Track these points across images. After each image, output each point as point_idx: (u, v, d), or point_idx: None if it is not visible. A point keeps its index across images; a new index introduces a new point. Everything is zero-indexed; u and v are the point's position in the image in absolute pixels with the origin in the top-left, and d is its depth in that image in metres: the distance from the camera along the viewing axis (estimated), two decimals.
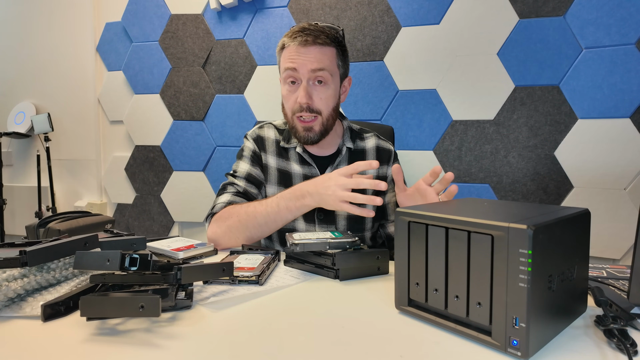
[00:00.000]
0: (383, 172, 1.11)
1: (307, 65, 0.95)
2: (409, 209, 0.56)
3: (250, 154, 1.08)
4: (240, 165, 1.07)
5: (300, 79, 0.97)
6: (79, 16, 2.43)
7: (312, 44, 0.95)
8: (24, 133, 2.49)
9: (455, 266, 0.50)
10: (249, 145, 1.09)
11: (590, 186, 1.74)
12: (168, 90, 2.26)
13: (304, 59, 0.95)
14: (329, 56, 0.98)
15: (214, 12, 2.16)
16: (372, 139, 1.14)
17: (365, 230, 1.09)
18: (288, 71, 0.98)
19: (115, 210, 2.45)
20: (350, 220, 1.05)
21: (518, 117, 1.82)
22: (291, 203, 0.89)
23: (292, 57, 0.96)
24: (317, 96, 0.98)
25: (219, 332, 0.52)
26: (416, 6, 1.90)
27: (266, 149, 1.09)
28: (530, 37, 1.77)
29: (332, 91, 1.00)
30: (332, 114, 1.02)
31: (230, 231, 0.94)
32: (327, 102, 1.00)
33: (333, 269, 0.73)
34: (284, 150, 1.08)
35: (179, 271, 0.58)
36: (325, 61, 0.97)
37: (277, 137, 1.10)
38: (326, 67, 0.97)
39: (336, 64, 1.01)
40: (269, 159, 1.08)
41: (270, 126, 1.12)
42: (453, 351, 0.47)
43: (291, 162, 1.07)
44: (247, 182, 1.04)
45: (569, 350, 0.47)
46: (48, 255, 0.61)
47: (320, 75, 0.97)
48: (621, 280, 0.68)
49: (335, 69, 1.01)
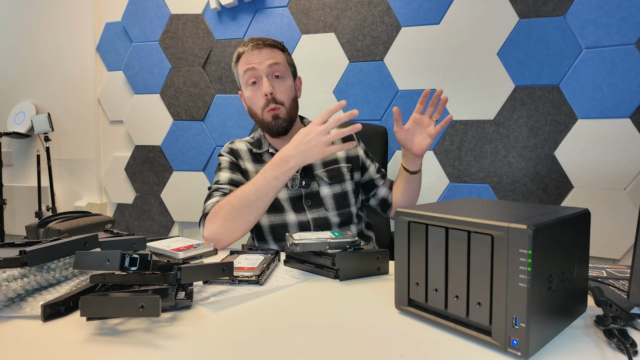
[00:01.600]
0: (352, 153, 1.20)
1: (264, 62, 1.06)
2: (409, 209, 0.56)
3: (228, 165, 1.13)
4: (221, 175, 1.11)
5: (260, 76, 1.07)
6: (79, 16, 2.43)
7: (263, 46, 1.08)
8: (24, 133, 2.49)
9: (455, 266, 0.50)
10: (225, 159, 1.15)
11: (590, 186, 1.74)
12: (168, 90, 2.26)
13: (260, 58, 1.07)
14: (280, 55, 1.10)
15: (214, 12, 2.16)
16: None
17: (351, 205, 1.15)
18: (248, 72, 1.07)
19: (115, 210, 2.45)
20: (337, 198, 1.13)
21: (518, 117, 1.82)
22: (277, 171, 0.92)
23: (249, 60, 1.07)
24: (277, 89, 1.08)
25: (219, 332, 0.52)
26: (416, 6, 1.90)
27: (242, 157, 1.16)
28: (530, 37, 1.77)
29: (290, 83, 1.11)
30: (293, 105, 1.12)
31: (226, 221, 0.94)
32: (287, 94, 1.10)
33: (333, 269, 0.73)
34: (258, 155, 1.16)
35: (179, 271, 0.58)
36: (278, 57, 1.09)
37: (249, 147, 1.18)
38: (280, 61, 1.09)
39: (287, 62, 1.12)
40: (246, 164, 1.15)
41: (239, 140, 1.21)
42: (453, 351, 0.47)
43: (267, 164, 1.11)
44: (232, 185, 1.07)
45: (569, 350, 0.47)
46: (48, 255, 0.61)
47: (277, 69, 1.08)
48: (621, 280, 0.68)
49: (287, 66, 1.12)
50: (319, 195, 1.12)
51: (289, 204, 1.10)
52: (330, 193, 1.13)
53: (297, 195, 1.11)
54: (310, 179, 1.12)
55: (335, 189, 1.13)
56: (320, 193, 1.12)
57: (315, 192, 1.11)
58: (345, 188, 1.15)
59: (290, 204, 1.10)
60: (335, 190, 1.13)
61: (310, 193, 1.11)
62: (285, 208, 1.10)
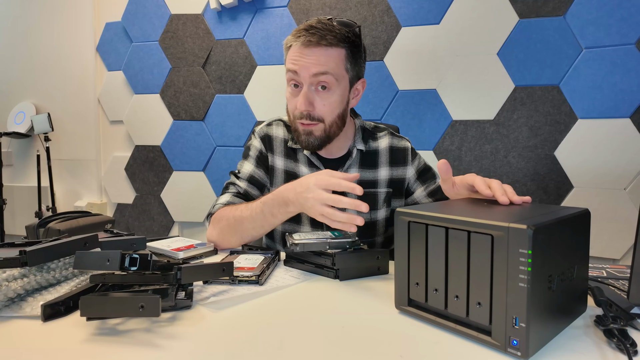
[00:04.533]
0: (399, 174, 1.03)
1: (309, 68, 0.87)
2: (409, 209, 0.56)
3: (256, 155, 1.04)
4: (245, 165, 1.04)
5: (302, 82, 0.90)
6: (79, 16, 2.43)
7: (315, 45, 0.87)
8: (24, 133, 2.49)
9: (455, 266, 0.50)
10: (255, 145, 1.05)
11: (590, 186, 1.74)
12: (168, 90, 2.26)
13: (306, 61, 0.87)
14: (335, 58, 0.89)
15: (214, 12, 2.16)
16: (386, 138, 1.05)
17: (377, 235, 1.03)
18: (289, 73, 0.91)
19: (115, 210, 2.45)
20: (362, 226, 1.01)
21: (518, 117, 1.82)
22: (275, 210, 0.85)
23: (294, 59, 0.89)
24: (319, 102, 0.90)
25: (219, 332, 0.52)
26: (416, 6, 1.90)
27: (274, 149, 1.04)
28: (530, 37, 1.77)
29: (338, 97, 0.92)
30: (337, 121, 0.94)
31: (223, 234, 0.92)
32: (330, 109, 0.91)
33: (333, 269, 0.73)
34: (292, 150, 1.02)
35: (179, 271, 0.58)
36: (330, 64, 0.88)
37: (286, 136, 1.04)
38: (330, 70, 0.88)
39: (344, 67, 0.91)
40: (276, 160, 1.03)
41: (279, 123, 1.06)
42: (453, 351, 0.47)
43: (300, 164, 1.03)
44: (249, 183, 1.02)
45: (569, 350, 0.47)
46: (48, 255, 0.61)
47: (324, 80, 0.88)
48: (621, 280, 0.68)
49: (343, 73, 0.91)
50: None
51: (308, 216, 0.99)
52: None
53: None
54: None
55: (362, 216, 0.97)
56: None
57: None
58: (375, 217, 1.01)
59: (309, 217, 0.98)
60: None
61: None
62: (302, 219, 1.00)
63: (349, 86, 0.95)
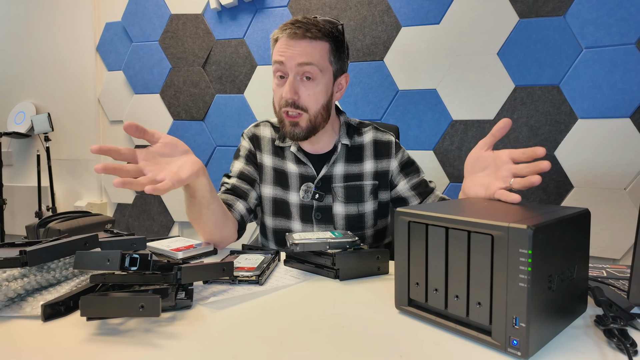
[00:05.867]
0: (383, 167, 1.06)
1: (294, 58, 0.91)
2: (409, 209, 0.56)
3: (245, 154, 1.08)
4: (235, 165, 1.08)
5: (288, 73, 0.93)
6: (79, 16, 2.43)
7: (301, 37, 0.91)
8: (24, 133, 2.49)
9: (455, 266, 0.50)
10: (244, 145, 1.09)
11: (590, 186, 1.74)
12: (168, 90, 2.26)
13: (291, 52, 0.91)
14: (320, 51, 0.93)
15: (214, 12, 2.16)
16: (370, 132, 1.09)
17: (366, 228, 1.06)
18: (276, 64, 0.95)
19: (115, 210, 2.45)
20: (351, 219, 1.03)
21: (518, 117, 1.82)
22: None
23: (281, 50, 0.93)
24: (304, 92, 0.94)
25: (219, 332, 0.52)
26: (416, 6, 1.90)
27: (262, 148, 1.07)
28: (530, 37, 1.77)
29: (322, 87, 0.95)
30: (322, 112, 0.97)
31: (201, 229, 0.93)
32: (315, 99, 0.95)
33: (333, 269, 0.73)
34: (279, 149, 1.06)
35: (179, 271, 0.58)
36: (315, 55, 0.92)
37: (273, 136, 1.08)
38: (315, 62, 0.92)
39: (328, 60, 0.95)
40: (264, 158, 1.07)
41: (266, 124, 1.10)
42: (453, 351, 0.47)
43: (287, 161, 1.06)
44: (239, 179, 1.04)
45: (569, 350, 0.47)
46: (48, 255, 0.61)
47: (308, 70, 0.92)
48: (621, 280, 0.68)
49: (327, 65, 0.95)
50: (331, 211, 1.03)
51: (298, 211, 1.04)
52: (344, 213, 1.03)
53: (308, 205, 1.03)
54: (325, 192, 1.02)
55: (350, 209, 1.03)
56: (333, 209, 1.03)
57: (327, 207, 1.03)
58: (363, 210, 1.04)
59: (299, 212, 1.03)
60: (349, 211, 1.03)
61: (322, 207, 1.03)
62: (292, 214, 1.04)
63: (333, 79, 0.99)
